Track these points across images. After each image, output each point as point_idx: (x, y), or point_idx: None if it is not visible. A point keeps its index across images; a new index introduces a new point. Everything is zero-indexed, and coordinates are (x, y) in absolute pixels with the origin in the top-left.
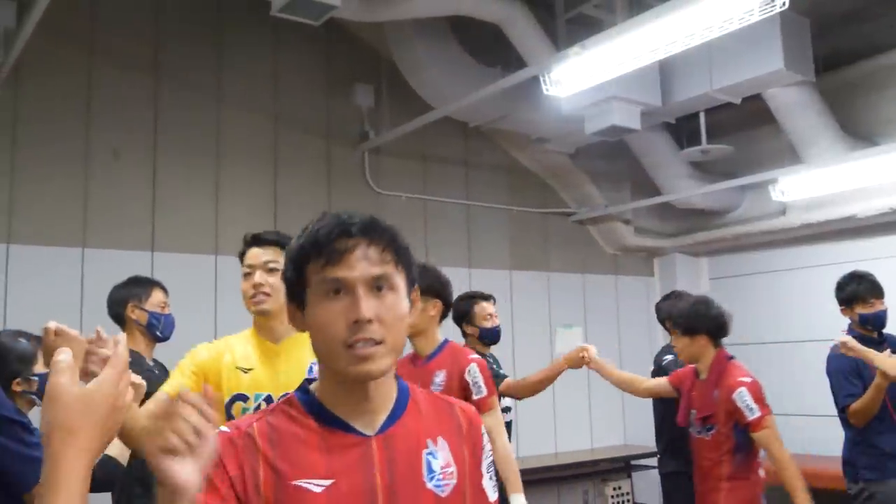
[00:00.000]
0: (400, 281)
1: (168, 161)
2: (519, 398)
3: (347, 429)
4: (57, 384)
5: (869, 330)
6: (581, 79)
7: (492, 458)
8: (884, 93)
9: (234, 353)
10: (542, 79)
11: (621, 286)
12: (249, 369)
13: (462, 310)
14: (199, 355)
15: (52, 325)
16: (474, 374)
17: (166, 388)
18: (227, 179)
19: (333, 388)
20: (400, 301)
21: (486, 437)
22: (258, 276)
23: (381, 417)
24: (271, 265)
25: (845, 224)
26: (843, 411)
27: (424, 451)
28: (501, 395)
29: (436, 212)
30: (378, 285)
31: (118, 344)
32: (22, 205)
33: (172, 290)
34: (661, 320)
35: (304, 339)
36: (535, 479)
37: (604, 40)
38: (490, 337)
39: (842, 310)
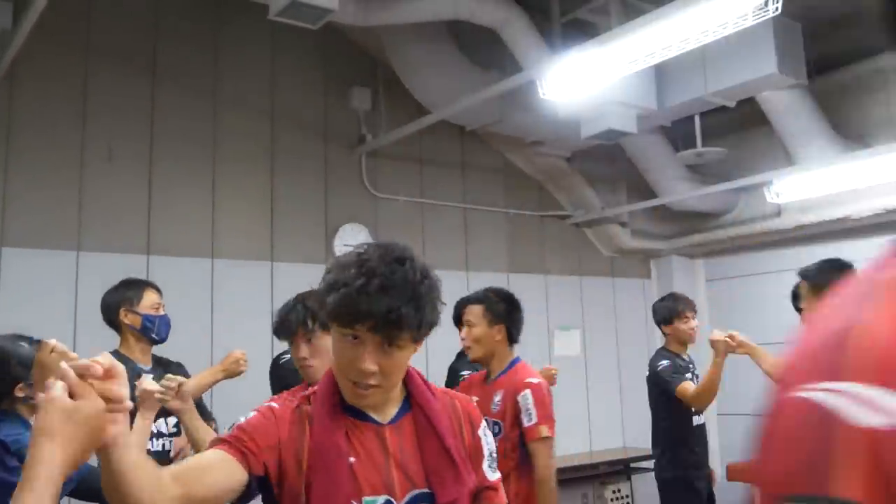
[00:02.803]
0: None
1: (164, 163)
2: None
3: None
4: (49, 398)
5: None
6: (577, 83)
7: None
8: (874, 95)
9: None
10: (537, 83)
11: (618, 288)
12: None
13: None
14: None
15: (53, 342)
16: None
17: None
18: (223, 182)
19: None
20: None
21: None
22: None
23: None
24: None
25: (839, 225)
26: None
27: None
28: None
29: (433, 215)
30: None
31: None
32: (16, 207)
33: (168, 294)
34: (658, 322)
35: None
36: None
37: (599, 45)
38: None
39: None
